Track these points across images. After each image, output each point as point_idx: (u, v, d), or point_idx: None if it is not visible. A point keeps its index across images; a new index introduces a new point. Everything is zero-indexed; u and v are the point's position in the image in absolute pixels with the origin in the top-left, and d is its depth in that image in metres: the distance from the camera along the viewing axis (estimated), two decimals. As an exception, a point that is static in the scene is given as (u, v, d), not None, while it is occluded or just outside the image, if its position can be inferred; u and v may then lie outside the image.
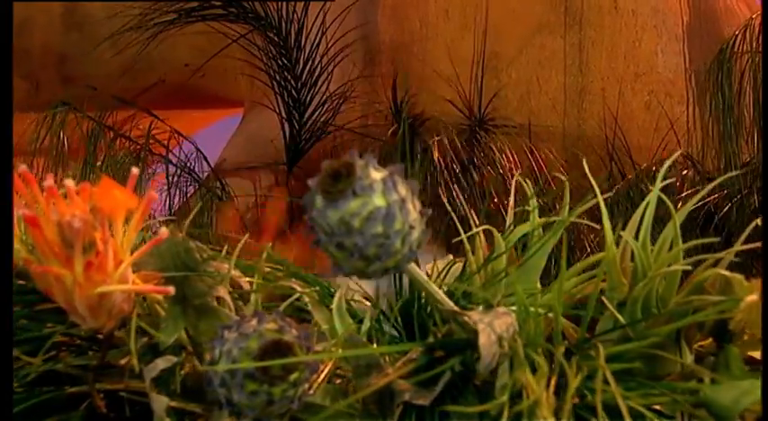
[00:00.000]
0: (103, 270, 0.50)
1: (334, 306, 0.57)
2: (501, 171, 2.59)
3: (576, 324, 0.58)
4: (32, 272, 0.51)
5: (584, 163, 0.77)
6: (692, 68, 3.57)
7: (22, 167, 0.49)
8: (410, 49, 3.24)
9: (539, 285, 0.65)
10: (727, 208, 2.36)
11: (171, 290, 0.49)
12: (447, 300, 0.49)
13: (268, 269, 0.64)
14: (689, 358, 0.54)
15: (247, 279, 0.63)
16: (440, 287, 0.55)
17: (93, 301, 0.51)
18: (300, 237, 0.47)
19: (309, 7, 2.92)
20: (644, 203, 0.58)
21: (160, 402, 0.50)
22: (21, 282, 0.62)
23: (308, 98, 2.83)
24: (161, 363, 0.51)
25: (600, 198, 0.56)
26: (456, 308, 0.49)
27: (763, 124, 2.47)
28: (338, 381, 0.56)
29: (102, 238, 0.49)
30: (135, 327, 0.53)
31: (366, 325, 0.56)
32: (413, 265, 0.47)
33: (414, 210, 0.44)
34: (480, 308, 0.50)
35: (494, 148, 2.75)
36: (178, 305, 0.56)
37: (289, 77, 2.83)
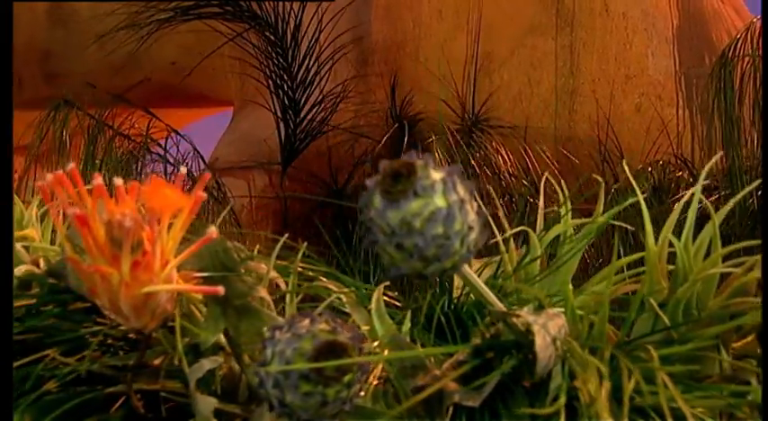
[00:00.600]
0: (150, 270, 0.50)
1: (372, 307, 0.57)
2: (497, 171, 2.60)
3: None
4: (78, 270, 0.50)
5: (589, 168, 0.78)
6: (681, 71, 3.59)
7: (70, 166, 0.49)
8: (403, 49, 3.24)
9: (570, 287, 0.65)
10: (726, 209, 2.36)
11: (220, 289, 0.49)
12: (497, 301, 0.49)
13: (301, 269, 0.63)
14: (728, 360, 0.54)
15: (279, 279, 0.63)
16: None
17: (138, 301, 0.50)
18: None
19: (306, 7, 2.92)
20: (679, 204, 0.59)
21: (207, 403, 0.49)
22: (52, 280, 0.62)
23: (304, 98, 2.83)
24: (207, 364, 0.51)
25: (641, 198, 0.56)
26: (505, 309, 0.49)
27: (764, 124, 2.48)
28: (375, 383, 0.56)
29: (150, 238, 0.49)
30: (180, 328, 0.53)
31: (406, 326, 0.56)
32: (465, 265, 0.47)
33: (472, 210, 0.44)
34: (525, 309, 0.50)
35: (489, 149, 2.75)
36: (218, 305, 0.55)
37: (285, 77, 2.82)
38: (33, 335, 0.57)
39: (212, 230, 0.50)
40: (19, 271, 0.61)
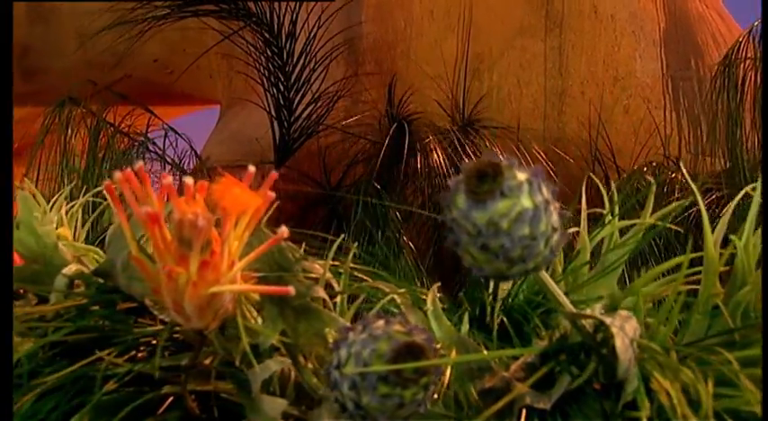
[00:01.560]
0: (217, 270, 0.49)
1: (429, 308, 0.57)
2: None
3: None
4: (142, 270, 0.50)
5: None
6: (668, 74, 3.61)
7: (138, 164, 0.48)
8: (395, 49, 3.24)
9: (617, 288, 0.65)
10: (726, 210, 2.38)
11: (291, 290, 0.48)
12: (568, 302, 0.48)
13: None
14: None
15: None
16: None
17: (203, 301, 0.50)
18: None
19: (300, 6, 2.90)
20: (731, 204, 0.59)
21: (275, 404, 0.49)
22: (99, 280, 0.61)
23: (299, 97, 2.81)
24: (273, 365, 0.50)
25: (700, 200, 0.56)
26: (575, 310, 0.49)
27: (764, 124, 2.50)
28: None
29: (219, 238, 0.48)
30: (242, 328, 0.52)
31: (465, 327, 0.56)
32: (539, 267, 0.47)
33: (555, 211, 0.43)
34: (597, 310, 0.50)
35: (484, 149, 2.75)
36: (275, 306, 0.55)
37: (279, 75, 2.81)
38: (84, 335, 0.56)
39: (284, 230, 0.49)
40: (69, 270, 0.60)
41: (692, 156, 3.30)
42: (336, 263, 0.62)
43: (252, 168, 0.49)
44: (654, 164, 2.89)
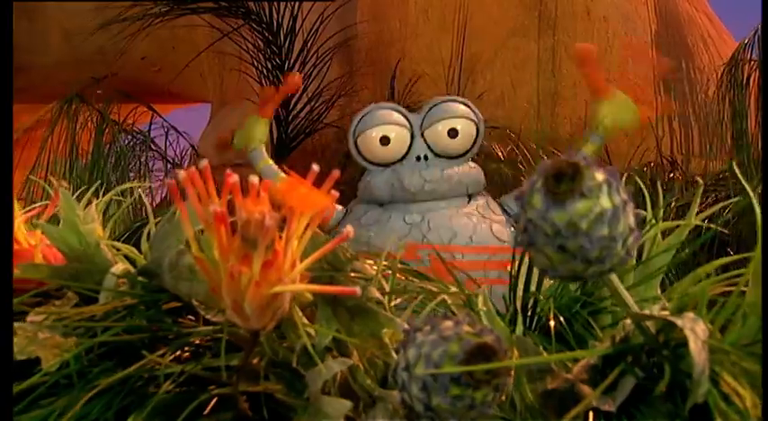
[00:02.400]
0: (280, 270, 0.48)
1: (481, 309, 0.56)
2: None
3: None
4: (202, 269, 0.49)
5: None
6: (660, 75, 3.63)
7: (204, 162, 0.47)
8: (390, 49, 3.24)
9: (659, 290, 0.65)
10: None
11: (358, 290, 0.47)
12: (633, 302, 0.48)
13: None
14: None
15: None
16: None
17: (264, 301, 0.49)
18: None
19: (300, 6, 2.89)
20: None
21: (340, 405, 0.48)
22: (142, 279, 0.60)
23: (297, 96, 2.80)
24: (336, 366, 0.49)
25: (755, 200, 0.56)
26: (639, 310, 0.49)
27: (764, 123, 2.52)
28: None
29: (285, 237, 0.47)
30: (300, 328, 0.51)
31: (519, 327, 0.55)
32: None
33: (631, 212, 0.43)
34: (655, 311, 0.50)
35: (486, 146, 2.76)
36: (328, 306, 0.54)
37: (278, 74, 2.80)
38: (136, 335, 0.55)
39: (349, 230, 0.48)
40: (117, 269, 0.59)
41: (684, 156, 3.33)
42: (385, 263, 0.61)
43: (315, 167, 0.48)
44: (651, 164, 2.91)
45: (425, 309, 0.59)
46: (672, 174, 2.77)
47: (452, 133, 1.42)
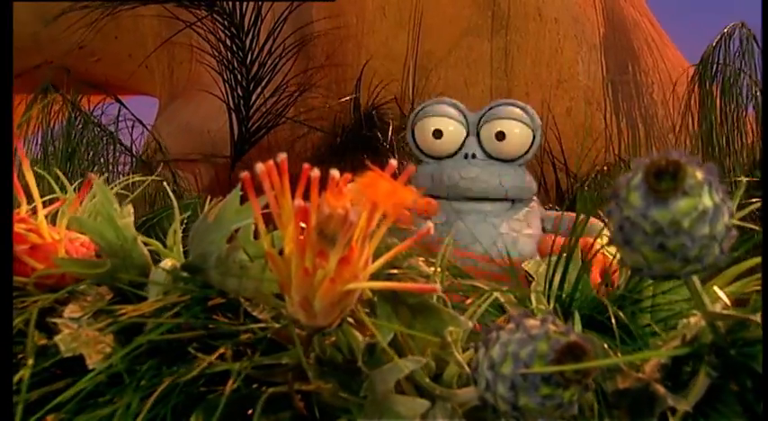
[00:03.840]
0: (355, 266, 0.47)
1: (537, 307, 0.56)
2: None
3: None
4: (273, 265, 0.47)
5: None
6: (608, 78, 3.69)
7: (282, 155, 0.46)
8: (346, 45, 3.22)
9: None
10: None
11: (438, 288, 0.46)
12: (708, 301, 0.48)
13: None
14: None
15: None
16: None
17: (335, 298, 0.48)
18: None
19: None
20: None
21: (416, 404, 0.47)
22: (185, 274, 0.58)
23: (259, 90, 2.76)
24: (409, 364, 0.48)
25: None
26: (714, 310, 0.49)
27: (764, 123, 2.58)
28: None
29: (362, 233, 0.46)
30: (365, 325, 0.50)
31: (578, 326, 0.55)
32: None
33: (728, 212, 0.43)
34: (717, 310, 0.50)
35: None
36: (387, 304, 0.53)
37: (241, 67, 2.75)
38: (187, 333, 0.53)
39: (429, 225, 0.47)
40: (166, 264, 0.57)
41: (632, 157, 3.38)
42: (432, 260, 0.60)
43: (394, 162, 0.47)
44: (606, 166, 2.95)
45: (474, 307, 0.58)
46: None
47: (500, 136, 1.40)
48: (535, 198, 1.44)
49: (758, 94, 2.50)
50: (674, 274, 0.43)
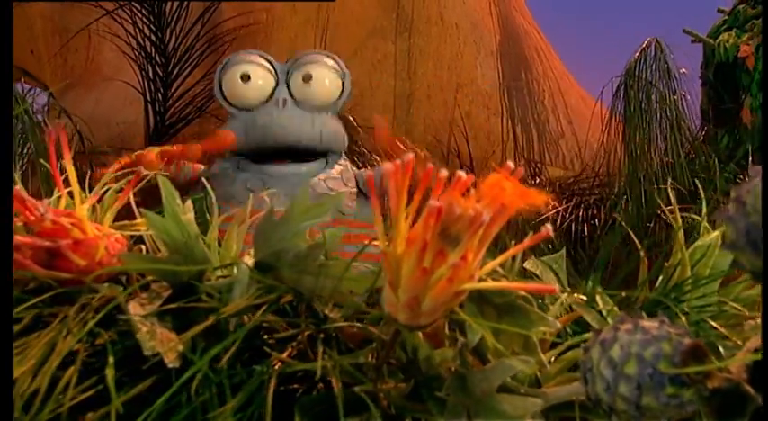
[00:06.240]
0: (471, 267, 0.47)
1: (603, 308, 0.57)
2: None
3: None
4: (386, 262, 0.46)
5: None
6: (504, 83, 3.78)
7: (409, 155, 0.45)
8: (255, 39, 3.16)
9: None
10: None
11: (556, 288, 0.46)
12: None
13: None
14: None
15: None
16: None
17: (446, 298, 0.47)
18: None
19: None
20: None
21: (528, 403, 0.47)
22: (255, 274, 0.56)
23: (176, 82, 2.68)
24: (517, 364, 0.48)
25: None
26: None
27: (764, 123, 2.67)
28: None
29: (484, 234, 0.46)
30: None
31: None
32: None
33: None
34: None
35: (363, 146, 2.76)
36: (473, 303, 0.53)
37: (159, 58, 2.66)
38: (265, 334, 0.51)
39: (548, 228, 0.47)
40: (250, 261, 0.55)
41: (526, 161, 3.48)
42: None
43: (510, 163, 0.47)
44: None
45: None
46: (536, 179, 2.89)
47: (307, 78, 1.43)
48: (345, 155, 1.49)
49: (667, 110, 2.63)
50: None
